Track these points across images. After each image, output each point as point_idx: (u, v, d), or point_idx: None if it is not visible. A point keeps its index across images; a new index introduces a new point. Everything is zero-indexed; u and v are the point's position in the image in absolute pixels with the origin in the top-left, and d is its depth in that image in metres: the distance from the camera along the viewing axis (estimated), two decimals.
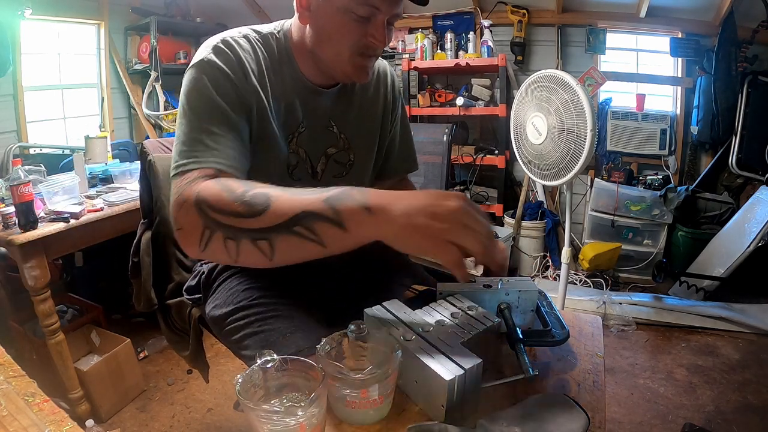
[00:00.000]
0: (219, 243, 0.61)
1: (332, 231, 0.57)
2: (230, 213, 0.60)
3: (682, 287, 2.47)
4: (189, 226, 0.63)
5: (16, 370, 0.62)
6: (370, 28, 0.76)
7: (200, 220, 0.62)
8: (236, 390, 0.50)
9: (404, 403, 0.61)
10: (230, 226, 0.60)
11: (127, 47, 2.99)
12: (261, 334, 0.80)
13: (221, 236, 0.61)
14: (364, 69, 0.82)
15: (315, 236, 0.58)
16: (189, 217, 0.63)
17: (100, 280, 2.26)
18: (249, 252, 0.61)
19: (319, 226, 0.58)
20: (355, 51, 0.78)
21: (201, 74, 0.74)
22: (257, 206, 0.59)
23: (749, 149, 2.60)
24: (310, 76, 0.86)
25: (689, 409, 1.70)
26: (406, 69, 3.05)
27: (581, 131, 1.59)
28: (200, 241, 0.62)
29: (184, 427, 1.64)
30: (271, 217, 0.59)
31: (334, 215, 0.57)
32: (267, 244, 0.60)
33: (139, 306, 1.14)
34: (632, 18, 2.86)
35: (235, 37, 0.79)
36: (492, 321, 0.65)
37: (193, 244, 0.63)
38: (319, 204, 0.58)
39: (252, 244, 0.60)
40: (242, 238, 0.60)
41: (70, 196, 1.63)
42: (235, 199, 0.60)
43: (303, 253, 0.60)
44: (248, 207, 0.59)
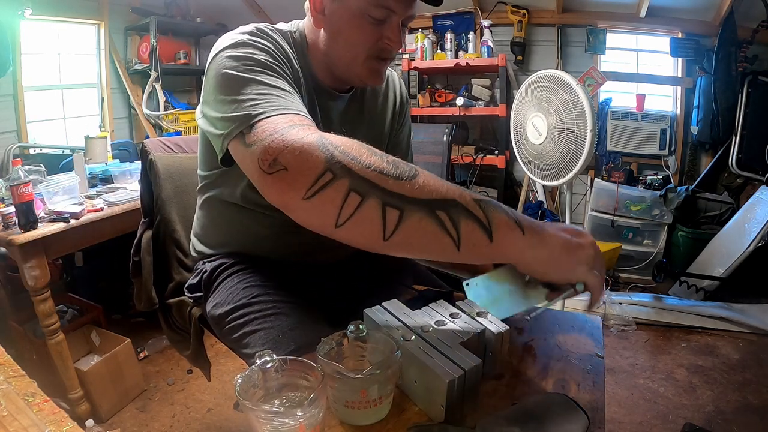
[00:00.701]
0: (338, 192, 0.51)
1: (477, 235, 0.52)
2: (370, 165, 0.52)
3: (682, 287, 2.47)
4: (302, 165, 0.52)
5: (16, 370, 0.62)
6: (385, 30, 0.76)
7: (323, 160, 0.51)
8: (236, 390, 0.50)
9: (404, 403, 0.61)
10: (365, 177, 0.51)
11: (127, 47, 2.99)
12: (261, 331, 0.80)
13: (346, 185, 0.51)
14: (379, 72, 0.82)
15: (456, 232, 0.52)
16: (304, 155, 0.52)
17: (100, 280, 2.26)
18: (369, 217, 0.51)
19: (465, 223, 0.52)
20: (370, 54, 0.78)
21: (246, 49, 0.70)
22: (404, 170, 0.52)
23: (749, 149, 2.60)
24: (324, 78, 0.86)
25: (689, 409, 1.70)
26: (406, 69, 3.05)
27: (581, 131, 1.59)
28: (313, 184, 0.51)
29: (184, 427, 1.64)
30: (416, 187, 0.51)
31: (485, 219, 0.52)
32: (396, 215, 0.51)
33: (140, 305, 1.14)
34: (632, 18, 2.86)
35: (265, 27, 0.79)
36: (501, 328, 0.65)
37: (300, 187, 0.52)
38: (470, 201, 0.53)
39: (378, 208, 0.51)
40: (372, 197, 0.51)
41: (70, 196, 1.63)
42: (375, 154, 0.53)
43: (430, 245, 0.53)
44: (393, 166, 0.52)
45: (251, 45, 0.72)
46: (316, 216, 0.54)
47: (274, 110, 0.61)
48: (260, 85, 0.65)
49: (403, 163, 0.54)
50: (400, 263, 1.04)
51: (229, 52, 0.70)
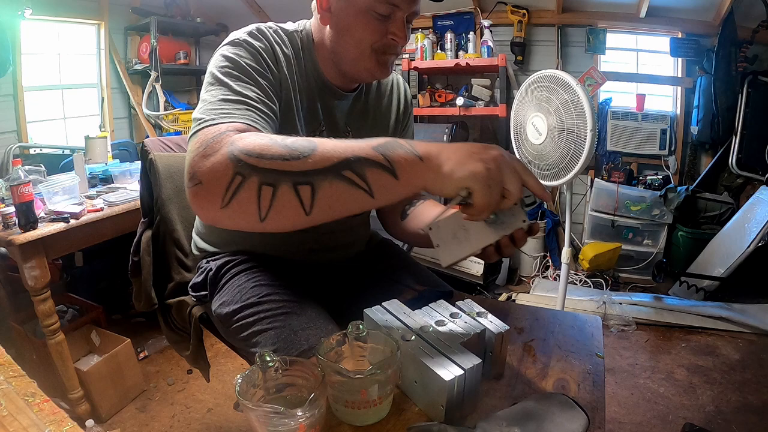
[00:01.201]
0: (251, 190, 0.54)
1: (384, 178, 0.55)
2: (271, 156, 0.55)
3: (682, 287, 2.47)
4: (213, 177, 0.56)
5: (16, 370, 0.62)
6: (390, 26, 0.78)
7: (231, 167, 0.55)
8: (236, 390, 0.51)
9: (404, 403, 0.61)
10: (270, 169, 0.54)
11: (127, 47, 2.99)
12: (272, 331, 0.80)
13: (256, 182, 0.54)
14: (386, 65, 0.83)
15: (365, 183, 0.55)
16: (215, 167, 0.56)
17: (100, 280, 2.26)
18: (286, 201, 0.55)
19: (370, 172, 0.55)
20: (377, 49, 0.80)
21: (237, 49, 0.75)
22: (302, 149, 0.55)
23: (749, 149, 2.60)
24: (331, 77, 0.87)
25: (689, 409, 1.70)
26: (406, 69, 3.05)
27: (581, 131, 1.59)
28: (225, 192, 0.55)
29: (184, 427, 1.64)
30: (317, 159, 0.55)
31: (387, 162, 0.55)
32: (309, 190, 0.54)
33: (140, 305, 1.14)
34: (632, 18, 2.86)
35: (268, 26, 0.82)
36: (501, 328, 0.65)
37: (214, 199, 0.56)
38: (369, 150, 0.56)
39: (292, 191, 0.54)
40: (282, 183, 0.54)
41: (70, 196, 1.63)
42: (276, 144, 0.56)
43: (348, 203, 0.56)
44: (292, 150, 0.55)
45: (243, 45, 0.75)
46: (240, 218, 0.56)
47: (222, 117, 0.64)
48: (227, 91, 0.68)
49: (301, 141, 0.56)
50: (400, 263, 1.05)
51: (223, 50, 0.75)
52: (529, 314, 0.88)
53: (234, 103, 0.67)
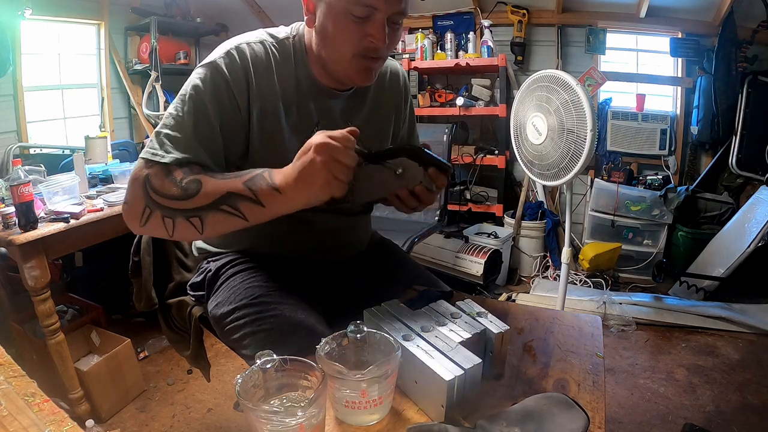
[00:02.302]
0: (158, 220, 0.73)
1: (254, 208, 0.70)
2: (167, 196, 0.71)
3: (682, 287, 2.47)
4: (134, 202, 0.73)
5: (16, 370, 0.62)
6: (368, 27, 0.76)
7: (143, 199, 0.72)
8: (236, 390, 0.51)
9: (404, 403, 0.61)
10: (167, 207, 0.71)
11: (127, 47, 2.99)
12: (260, 333, 0.80)
13: (159, 215, 0.72)
14: (368, 71, 0.82)
15: (239, 213, 0.71)
16: (135, 195, 0.73)
17: (100, 280, 2.26)
18: (183, 228, 0.73)
19: (242, 204, 0.70)
20: (356, 53, 0.78)
21: (205, 74, 0.79)
22: (189, 190, 0.71)
23: (749, 149, 2.60)
24: (323, 78, 0.87)
25: (689, 409, 1.70)
26: (406, 69, 3.05)
27: (581, 131, 1.59)
28: (141, 217, 0.73)
29: (184, 427, 1.64)
30: (201, 199, 0.70)
31: (253, 195, 0.69)
32: (198, 220, 0.72)
33: (140, 305, 1.14)
34: (632, 18, 2.86)
35: (251, 42, 0.83)
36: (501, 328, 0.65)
37: (135, 219, 0.74)
38: (240, 186, 0.70)
39: (186, 221, 0.72)
40: (177, 217, 0.72)
41: (70, 196, 1.63)
42: (172, 184, 0.71)
43: (229, 226, 0.73)
44: (182, 191, 0.71)
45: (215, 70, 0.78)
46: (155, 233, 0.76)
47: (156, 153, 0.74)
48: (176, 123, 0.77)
49: (192, 183, 0.71)
50: (400, 263, 1.05)
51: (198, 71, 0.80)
52: (529, 314, 0.88)
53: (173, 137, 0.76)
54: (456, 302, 0.73)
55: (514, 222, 2.93)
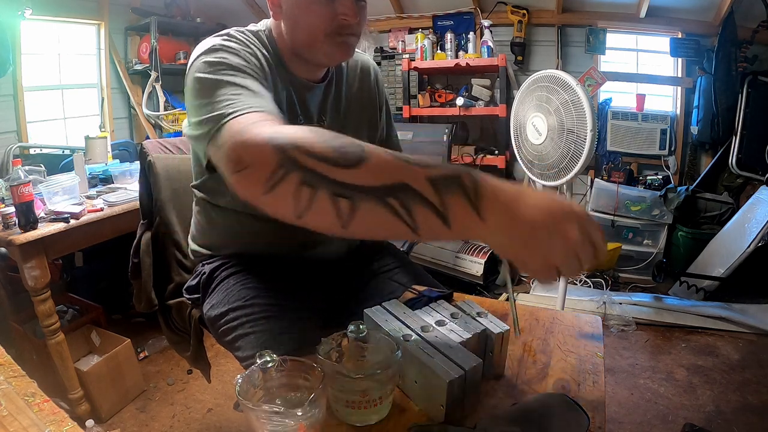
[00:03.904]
0: (291, 186, 0.50)
1: (432, 221, 0.48)
2: (316, 155, 0.50)
3: (682, 287, 2.47)
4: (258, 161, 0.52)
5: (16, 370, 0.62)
6: (338, 7, 0.78)
7: (275, 156, 0.51)
8: (236, 390, 0.51)
9: (404, 403, 0.61)
10: (312, 169, 0.50)
11: (127, 47, 2.99)
12: (252, 335, 0.80)
13: (297, 178, 0.50)
14: (345, 45, 0.82)
15: (410, 219, 0.49)
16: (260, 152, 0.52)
17: (100, 280, 2.26)
18: (322, 208, 0.50)
19: (418, 209, 0.48)
20: (330, 32, 0.79)
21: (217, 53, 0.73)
22: (350, 155, 0.49)
23: (749, 149, 2.60)
24: (297, 71, 0.87)
25: (689, 409, 1.70)
26: (406, 69, 3.05)
27: (581, 131, 1.59)
28: (269, 180, 0.51)
29: (184, 427, 1.64)
30: (363, 174, 0.49)
31: (440, 205, 0.48)
32: (348, 205, 0.49)
33: (140, 306, 1.14)
34: (632, 18, 2.86)
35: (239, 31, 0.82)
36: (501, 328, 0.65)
37: (259, 183, 0.51)
38: (422, 182, 0.48)
39: (330, 200, 0.49)
40: (321, 188, 0.49)
41: (70, 196, 1.63)
42: (323, 141, 0.51)
43: (386, 232, 0.51)
44: (340, 153, 0.50)
45: (223, 49, 0.74)
46: (279, 208, 0.53)
47: (240, 110, 0.61)
48: (231, 86, 0.67)
49: (353, 147, 0.51)
50: (398, 264, 1.04)
51: (203, 58, 0.73)
52: (529, 314, 0.88)
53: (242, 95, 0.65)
54: (456, 302, 0.73)
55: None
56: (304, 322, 0.82)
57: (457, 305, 0.72)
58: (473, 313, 0.69)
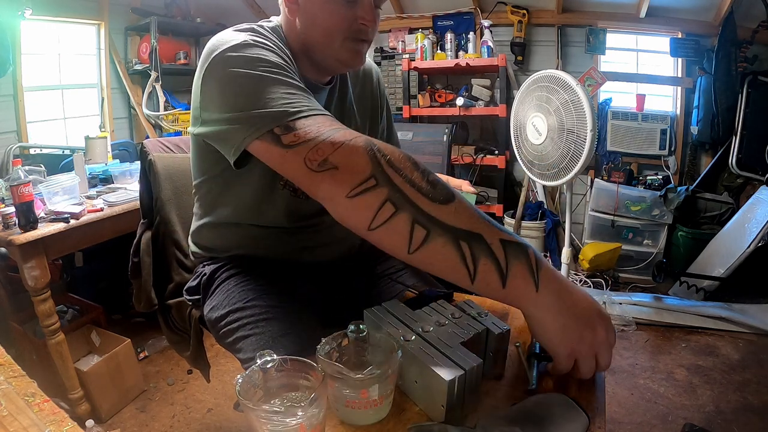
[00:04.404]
0: (376, 199, 0.54)
1: (492, 276, 0.53)
2: (409, 180, 0.54)
3: (682, 287, 2.47)
4: (351, 167, 0.55)
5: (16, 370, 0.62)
6: (358, 11, 0.77)
7: (369, 166, 0.55)
8: (236, 390, 0.51)
9: (404, 403, 0.61)
10: (402, 191, 0.54)
11: (127, 47, 2.99)
12: (252, 337, 0.80)
13: (385, 193, 0.54)
14: (359, 53, 0.82)
15: (473, 266, 0.53)
16: (355, 159, 0.55)
17: (100, 280, 2.26)
18: (398, 229, 0.53)
19: (484, 261, 0.53)
20: (347, 36, 0.78)
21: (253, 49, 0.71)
22: (442, 191, 0.54)
23: (749, 149, 2.60)
24: (306, 72, 0.86)
25: (689, 409, 1.70)
26: (406, 69, 3.05)
27: (581, 131, 1.59)
28: (358, 186, 0.54)
29: (184, 427, 1.64)
30: (449, 213, 0.53)
31: (504, 263, 0.53)
32: (423, 234, 0.53)
33: (140, 306, 1.14)
34: (632, 18, 2.86)
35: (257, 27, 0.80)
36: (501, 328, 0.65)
37: (344, 185, 0.55)
38: (496, 240, 0.53)
39: (408, 224, 0.53)
40: (405, 210, 0.54)
41: (70, 196, 1.63)
42: (418, 171, 0.55)
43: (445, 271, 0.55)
44: (431, 186, 0.54)
45: (257, 46, 0.72)
46: (354, 215, 0.56)
47: (309, 110, 0.62)
48: (281, 85, 0.66)
49: (443, 186, 0.55)
50: (399, 264, 1.04)
51: (233, 53, 0.70)
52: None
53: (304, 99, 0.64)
54: (456, 302, 0.73)
55: (514, 222, 2.93)
56: (305, 324, 0.82)
57: (457, 305, 0.72)
58: (473, 313, 0.69)
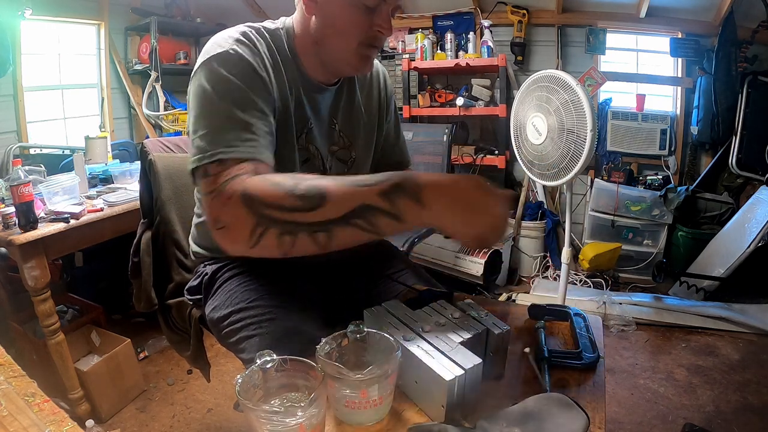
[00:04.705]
0: (273, 239, 0.61)
1: (389, 222, 0.60)
2: (286, 208, 0.60)
3: (682, 287, 2.47)
4: (237, 223, 0.62)
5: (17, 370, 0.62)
6: (376, 18, 0.78)
7: (251, 217, 0.60)
8: (236, 390, 0.51)
9: (404, 403, 0.61)
10: (287, 221, 0.60)
11: (127, 47, 2.99)
12: (256, 337, 0.80)
13: (276, 232, 0.60)
14: (369, 59, 0.83)
15: (372, 227, 0.60)
16: (237, 214, 0.61)
17: (100, 280, 2.26)
18: (304, 245, 0.60)
19: (377, 219, 0.59)
20: (363, 42, 0.79)
21: (226, 64, 0.73)
22: (313, 200, 0.59)
23: (749, 149, 2.60)
24: (313, 72, 0.87)
25: (689, 409, 1.70)
26: (406, 69, 3.05)
27: (581, 131, 1.59)
28: (251, 237, 0.61)
29: (184, 427, 1.64)
30: (329, 211, 0.59)
31: (392, 209, 0.59)
32: (324, 236, 0.60)
33: (140, 306, 1.14)
34: (632, 18, 2.86)
35: (253, 30, 0.81)
36: (501, 328, 0.65)
37: (242, 242, 0.62)
38: (375, 198, 0.59)
39: (309, 237, 0.60)
40: (300, 232, 0.60)
41: (70, 196, 1.63)
42: (288, 194, 0.60)
43: (358, 240, 0.62)
44: (305, 201, 0.59)
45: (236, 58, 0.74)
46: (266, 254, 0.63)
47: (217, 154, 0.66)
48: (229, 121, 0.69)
49: (312, 190, 0.60)
50: (399, 265, 1.04)
51: (213, 64, 0.73)
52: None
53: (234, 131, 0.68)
54: (456, 302, 0.73)
55: (514, 222, 2.93)
56: (307, 324, 0.82)
57: (457, 305, 0.72)
58: (473, 313, 0.69)
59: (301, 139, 0.87)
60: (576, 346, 0.72)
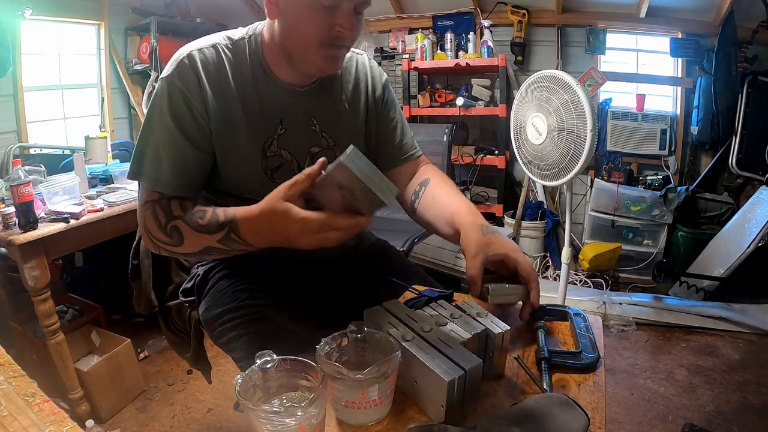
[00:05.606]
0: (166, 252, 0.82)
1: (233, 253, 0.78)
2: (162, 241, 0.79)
3: (682, 287, 2.47)
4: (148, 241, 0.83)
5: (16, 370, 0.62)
6: (337, 17, 0.75)
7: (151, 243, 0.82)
8: (236, 390, 0.51)
9: (404, 403, 0.61)
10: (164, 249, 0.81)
11: (127, 47, 2.99)
12: (245, 336, 0.80)
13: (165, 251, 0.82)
14: (334, 59, 0.81)
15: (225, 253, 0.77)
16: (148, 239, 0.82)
17: (100, 281, 2.26)
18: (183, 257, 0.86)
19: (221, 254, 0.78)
20: (324, 42, 0.77)
21: (163, 90, 0.79)
22: (175, 239, 0.78)
23: (749, 149, 2.60)
24: (284, 76, 0.85)
25: (689, 409, 1.70)
26: (406, 69, 3.05)
27: (581, 131, 1.59)
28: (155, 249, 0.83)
29: (184, 427, 1.64)
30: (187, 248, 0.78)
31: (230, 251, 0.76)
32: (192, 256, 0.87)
33: (140, 308, 1.14)
34: (632, 18, 2.86)
35: (202, 48, 0.80)
36: (501, 328, 0.65)
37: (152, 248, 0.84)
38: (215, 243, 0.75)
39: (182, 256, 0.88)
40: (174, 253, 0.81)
41: (70, 196, 1.63)
42: (161, 230, 0.78)
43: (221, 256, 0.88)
44: (170, 238, 0.78)
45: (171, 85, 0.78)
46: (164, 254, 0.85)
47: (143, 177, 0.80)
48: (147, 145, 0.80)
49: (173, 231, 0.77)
50: (399, 265, 1.04)
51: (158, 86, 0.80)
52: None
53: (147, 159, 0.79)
54: (456, 302, 0.73)
55: (514, 222, 2.93)
56: (298, 324, 0.82)
57: (457, 305, 0.72)
58: (473, 313, 0.69)
59: (271, 146, 0.85)
60: (576, 346, 0.72)
